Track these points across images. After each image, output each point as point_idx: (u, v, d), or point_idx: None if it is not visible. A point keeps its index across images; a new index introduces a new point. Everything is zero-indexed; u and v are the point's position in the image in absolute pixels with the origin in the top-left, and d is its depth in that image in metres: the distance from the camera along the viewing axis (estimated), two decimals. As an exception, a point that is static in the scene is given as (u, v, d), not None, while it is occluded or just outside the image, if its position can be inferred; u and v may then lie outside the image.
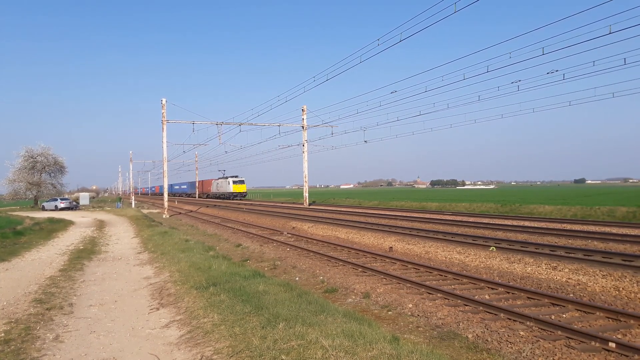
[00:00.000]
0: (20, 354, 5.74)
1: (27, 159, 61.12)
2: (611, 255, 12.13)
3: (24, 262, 13.38)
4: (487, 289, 9.58)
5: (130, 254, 15.00)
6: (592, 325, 7.18)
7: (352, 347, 4.99)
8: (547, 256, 12.34)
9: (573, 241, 15.29)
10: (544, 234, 17.17)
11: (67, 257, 14.34)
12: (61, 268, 12.19)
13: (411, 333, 7.02)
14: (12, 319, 7.29)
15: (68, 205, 51.26)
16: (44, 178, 64.05)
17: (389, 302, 8.70)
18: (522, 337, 6.55)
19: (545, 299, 8.51)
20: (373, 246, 16.75)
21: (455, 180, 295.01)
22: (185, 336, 6.29)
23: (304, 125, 43.38)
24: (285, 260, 14.12)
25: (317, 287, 10.35)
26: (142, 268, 12.24)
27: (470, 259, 13.01)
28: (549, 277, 10.59)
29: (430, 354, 5.10)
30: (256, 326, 5.97)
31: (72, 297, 8.89)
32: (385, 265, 12.52)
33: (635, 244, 14.01)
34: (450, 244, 15.35)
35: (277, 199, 75.79)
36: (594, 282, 9.81)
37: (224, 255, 13.69)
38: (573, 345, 6.18)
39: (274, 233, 21.87)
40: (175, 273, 10.56)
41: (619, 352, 5.90)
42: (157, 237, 18.60)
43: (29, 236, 20.77)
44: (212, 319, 6.65)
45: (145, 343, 6.18)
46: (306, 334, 5.43)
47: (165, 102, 37.28)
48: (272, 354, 5.01)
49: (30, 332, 6.63)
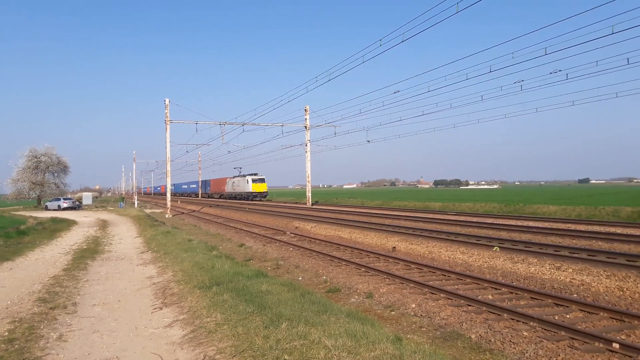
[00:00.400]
0: (24, 353, 5.76)
1: (30, 158, 61.36)
2: (615, 255, 12.08)
3: (28, 262, 13.43)
4: (491, 289, 9.55)
5: (134, 254, 15.03)
6: (595, 325, 7.14)
7: (354, 347, 4.98)
8: (550, 256, 12.30)
9: (577, 241, 15.23)
10: (547, 234, 17.11)
11: (71, 256, 14.39)
12: (65, 267, 12.23)
13: (414, 333, 7.00)
14: (16, 318, 7.32)
15: (71, 205, 51.44)
16: (48, 178, 64.30)
17: (392, 302, 8.69)
18: (526, 337, 6.53)
19: (549, 299, 8.48)
20: (376, 246, 16.74)
21: (459, 180, 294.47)
22: (188, 336, 6.30)
23: (307, 125, 43.37)
24: (288, 260, 14.12)
25: (320, 286, 10.35)
26: (145, 267, 12.26)
27: (474, 259, 12.99)
28: (552, 277, 10.55)
29: (433, 354, 5.09)
30: (259, 326, 5.97)
31: (76, 297, 8.91)
32: (388, 265, 12.51)
33: (639, 244, 13.94)
34: (454, 244, 15.32)
35: (280, 198, 75.67)
36: (598, 282, 9.77)
37: (227, 255, 13.70)
38: (576, 346, 6.16)
39: (277, 233, 21.88)
40: (179, 272, 10.58)
41: (622, 352, 5.87)
42: (160, 237, 18.64)
43: (33, 236, 20.85)
44: (215, 318, 6.66)
45: (149, 342, 6.19)
46: (309, 334, 5.43)
47: (169, 102, 37.35)
48: (275, 353, 5.01)
49: (34, 331, 6.65)
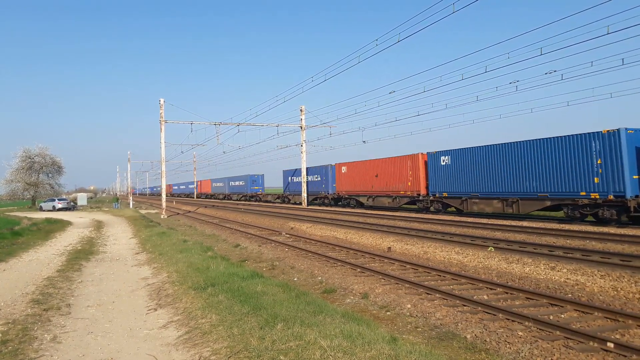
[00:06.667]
0: (18, 354, 5.71)
1: (24, 159, 61.10)
2: (609, 255, 12.15)
3: (22, 263, 13.33)
4: (486, 289, 9.58)
5: (128, 255, 14.96)
6: (590, 325, 7.18)
7: (350, 348, 4.98)
8: (545, 256, 12.35)
9: (571, 241, 15.30)
10: (542, 234, 17.18)
11: (65, 257, 14.30)
12: (59, 269, 12.15)
13: (410, 333, 7.01)
14: (9, 319, 7.26)
15: (66, 206, 51.18)
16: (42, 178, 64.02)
17: (388, 303, 8.70)
18: (521, 337, 6.55)
19: (544, 299, 8.51)
20: (371, 246, 16.75)
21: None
22: (183, 337, 6.27)
23: (303, 125, 43.36)
24: (284, 260, 14.10)
25: (316, 287, 10.34)
26: (140, 268, 12.21)
27: (469, 259, 13.02)
28: (547, 277, 10.60)
29: (429, 354, 5.10)
30: (254, 327, 5.96)
31: (70, 298, 8.86)
32: (383, 266, 12.52)
33: (633, 244, 14.03)
34: (449, 244, 15.36)
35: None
36: (593, 282, 9.82)
37: (222, 256, 13.67)
38: (571, 346, 6.18)
39: (272, 233, 21.85)
40: (173, 273, 10.54)
41: (617, 352, 5.90)
42: (155, 238, 18.56)
43: (27, 237, 20.72)
44: (210, 319, 6.64)
45: (143, 344, 6.16)
46: (304, 335, 5.42)
47: (164, 102, 37.24)
48: (270, 354, 4.99)
49: (28, 333, 6.60)
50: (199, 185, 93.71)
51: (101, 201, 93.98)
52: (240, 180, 69.55)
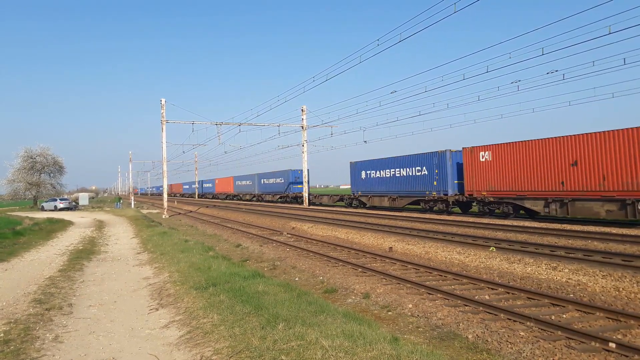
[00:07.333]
0: (20, 354, 5.73)
1: (26, 159, 61.20)
2: (611, 255, 12.13)
3: (23, 263, 13.36)
4: (487, 289, 9.57)
5: (130, 255, 14.98)
6: (592, 325, 7.17)
7: (352, 348, 4.98)
8: (547, 256, 12.34)
9: (573, 241, 15.28)
10: (543, 234, 17.16)
11: (67, 257, 14.33)
12: (60, 268, 12.17)
13: (411, 333, 7.01)
14: (11, 319, 7.27)
15: (67, 206, 51.27)
16: (43, 178, 64.13)
17: (389, 303, 8.70)
18: (522, 337, 6.55)
19: (545, 299, 8.51)
20: (373, 246, 16.74)
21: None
22: (184, 336, 6.28)
23: (304, 125, 43.37)
24: (285, 260, 14.11)
25: (317, 287, 10.34)
26: (141, 268, 12.22)
27: (470, 259, 13.01)
28: (549, 278, 10.58)
29: (430, 354, 5.10)
30: (256, 326, 5.96)
31: (72, 298, 8.87)
32: (385, 266, 12.51)
33: (635, 244, 14.00)
34: (450, 244, 15.35)
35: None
36: (594, 282, 9.80)
37: (223, 256, 13.68)
38: (573, 346, 6.18)
39: (273, 233, 21.85)
40: (175, 273, 10.54)
41: (619, 352, 5.90)
42: (156, 238, 18.58)
43: (28, 236, 20.75)
44: (212, 319, 6.64)
45: (145, 343, 6.17)
46: (306, 335, 5.42)
47: (165, 102, 37.26)
48: (271, 354, 5.00)
49: (30, 332, 6.62)
50: (217, 183, 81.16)
51: (102, 201, 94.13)
52: (278, 177, 56.14)
